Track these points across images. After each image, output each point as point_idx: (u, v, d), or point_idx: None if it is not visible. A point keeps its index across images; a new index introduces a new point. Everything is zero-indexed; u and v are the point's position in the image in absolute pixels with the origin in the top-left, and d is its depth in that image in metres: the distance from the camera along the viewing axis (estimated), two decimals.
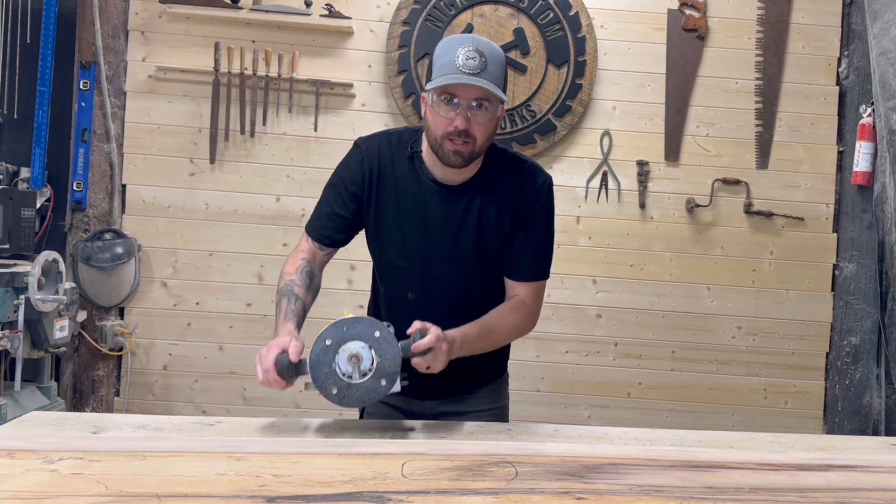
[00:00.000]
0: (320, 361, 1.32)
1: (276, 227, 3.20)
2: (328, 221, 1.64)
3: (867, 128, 3.04)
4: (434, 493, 1.01)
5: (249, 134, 3.19)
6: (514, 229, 1.60)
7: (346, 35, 3.21)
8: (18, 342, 2.58)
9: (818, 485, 1.11)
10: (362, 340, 1.33)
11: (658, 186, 3.26)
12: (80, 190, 3.13)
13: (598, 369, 3.26)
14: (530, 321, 1.65)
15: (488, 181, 1.59)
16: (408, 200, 1.58)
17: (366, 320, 1.35)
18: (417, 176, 1.59)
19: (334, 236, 1.64)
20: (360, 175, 1.60)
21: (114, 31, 3.16)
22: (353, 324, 1.34)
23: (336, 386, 1.33)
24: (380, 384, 1.34)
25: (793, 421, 3.25)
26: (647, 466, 1.16)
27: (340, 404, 1.35)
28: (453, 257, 1.59)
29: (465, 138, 1.46)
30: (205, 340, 3.20)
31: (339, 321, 1.34)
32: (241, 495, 0.98)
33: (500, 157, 1.62)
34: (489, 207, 1.58)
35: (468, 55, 1.43)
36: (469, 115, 1.45)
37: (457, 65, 1.42)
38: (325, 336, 1.33)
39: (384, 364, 1.33)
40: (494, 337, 1.58)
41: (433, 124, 1.49)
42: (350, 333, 1.33)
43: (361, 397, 1.34)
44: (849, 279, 3.20)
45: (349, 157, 1.64)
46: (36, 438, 1.21)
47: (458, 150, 1.47)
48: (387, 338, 1.34)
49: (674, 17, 3.24)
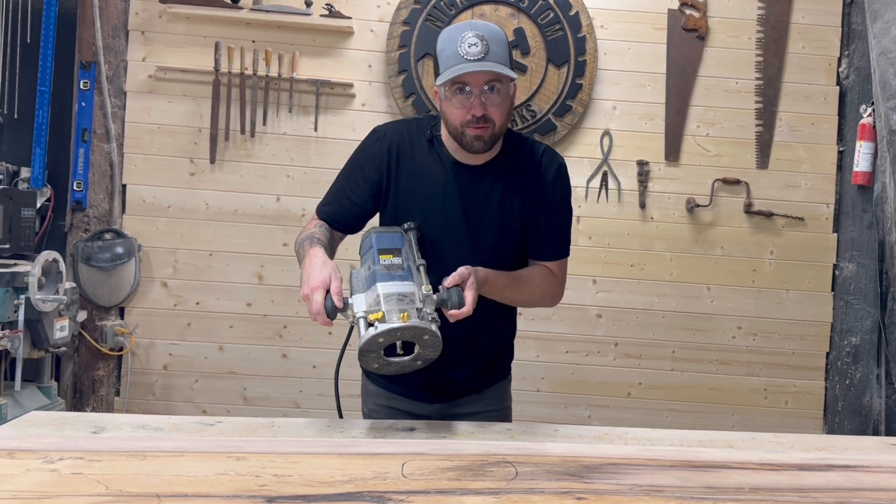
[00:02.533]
0: (370, 350, 1.32)
1: (276, 227, 3.20)
2: (339, 204, 1.64)
3: (867, 128, 3.04)
4: (434, 493, 1.01)
5: (249, 134, 3.19)
6: (534, 211, 1.61)
7: (346, 35, 3.21)
8: (18, 342, 2.58)
9: (818, 485, 1.11)
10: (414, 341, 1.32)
11: (658, 186, 3.26)
12: (81, 190, 3.13)
13: (599, 369, 3.26)
14: (557, 289, 1.66)
15: (507, 163, 1.61)
16: (429, 183, 1.59)
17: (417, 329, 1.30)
18: (438, 157, 1.60)
19: (343, 219, 1.64)
20: (379, 159, 1.61)
21: (114, 31, 3.16)
22: (406, 330, 1.29)
23: (377, 363, 1.35)
24: (415, 364, 1.37)
25: (793, 421, 3.25)
26: (648, 466, 1.16)
27: (376, 373, 1.39)
28: (474, 238, 1.60)
29: (485, 123, 1.48)
30: (205, 340, 3.20)
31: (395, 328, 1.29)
32: (241, 495, 0.98)
33: (517, 140, 1.64)
34: (510, 189, 1.60)
35: (470, 42, 1.45)
36: (484, 100, 1.47)
37: (461, 54, 1.44)
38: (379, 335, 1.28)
39: (425, 353, 1.35)
40: (523, 290, 1.60)
41: (451, 116, 1.51)
42: (402, 336, 1.31)
43: (396, 370, 1.38)
44: (849, 279, 3.20)
45: (367, 143, 1.65)
46: (36, 438, 1.20)
47: (479, 135, 1.50)
48: (433, 339, 1.32)
49: (674, 17, 3.24)
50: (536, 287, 1.62)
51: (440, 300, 1.38)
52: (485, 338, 1.67)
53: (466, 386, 1.69)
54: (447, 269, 1.57)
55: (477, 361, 1.63)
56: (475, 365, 1.66)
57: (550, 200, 1.63)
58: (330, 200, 1.65)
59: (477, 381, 1.71)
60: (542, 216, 1.62)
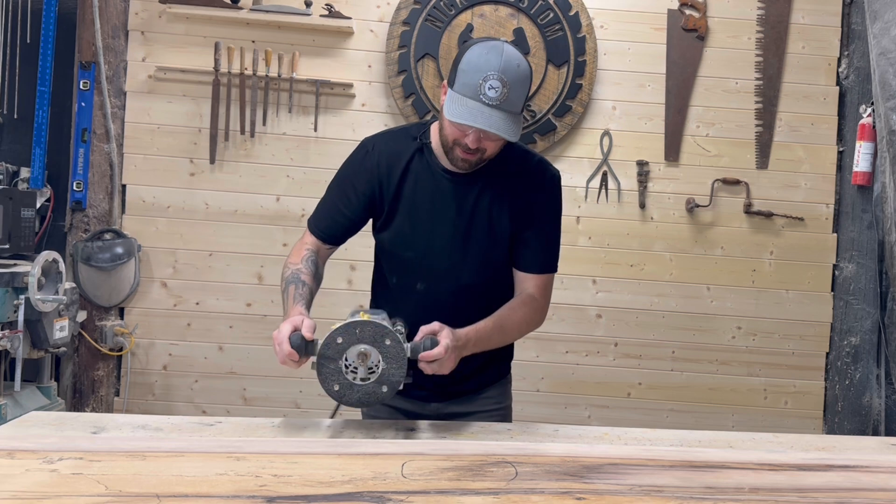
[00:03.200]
0: (328, 356, 1.32)
1: (276, 227, 3.20)
2: (332, 220, 1.65)
3: (867, 128, 3.04)
4: (434, 493, 1.01)
5: (249, 134, 3.19)
6: (523, 221, 1.61)
7: (346, 35, 3.21)
8: (18, 342, 2.58)
9: (818, 485, 1.11)
10: (372, 345, 1.33)
11: (658, 186, 3.26)
12: (80, 190, 3.13)
13: (598, 369, 3.26)
14: (540, 315, 1.66)
15: (498, 172, 1.60)
16: (419, 191, 1.59)
17: (378, 326, 1.33)
18: (428, 166, 1.60)
19: (338, 234, 1.66)
20: (370, 173, 1.60)
21: (114, 31, 3.16)
22: (365, 326, 1.33)
23: (338, 383, 1.33)
24: (380, 389, 1.34)
25: (793, 421, 3.25)
26: (647, 466, 1.16)
27: (339, 401, 1.35)
28: (464, 246, 1.60)
29: (475, 152, 1.49)
30: (205, 340, 3.20)
31: (352, 322, 1.33)
32: (241, 495, 0.98)
33: (511, 150, 1.62)
34: (500, 197, 1.59)
35: (492, 85, 1.42)
36: (482, 136, 1.47)
37: (479, 93, 1.42)
38: (337, 334, 1.33)
39: (389, 372, 1.33)
40: (507, 332, 1.59)
41: (448, 127, 1.50)
42: (361, 336, 1.33)
43: (360, 399, 1.35)
44: (849, 279, 3.19)
45: (356, 156, 1.65)
46: (36, 438, 1.20)
47: (466, 159, 1.51)
48: (396, 348, 1.33)
49: (674, 17, 3.24)
50: (521, 322, 1.61)
51: (413, 347, 1.36)
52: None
53: (465, 385, 1.69)
54: (438, 275, 1.60)
55: (476, 361, 1.62)
56: (473, 365, 1.66)
57: (542, 214, 1.62)
58: (323, 216, 1.66)
59: (476, 380, 1.71)
60: (532, 229, 1.62)
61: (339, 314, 3.36)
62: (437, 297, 1.60)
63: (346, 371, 1.33)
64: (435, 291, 1.61)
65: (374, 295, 1.79)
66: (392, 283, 1.68)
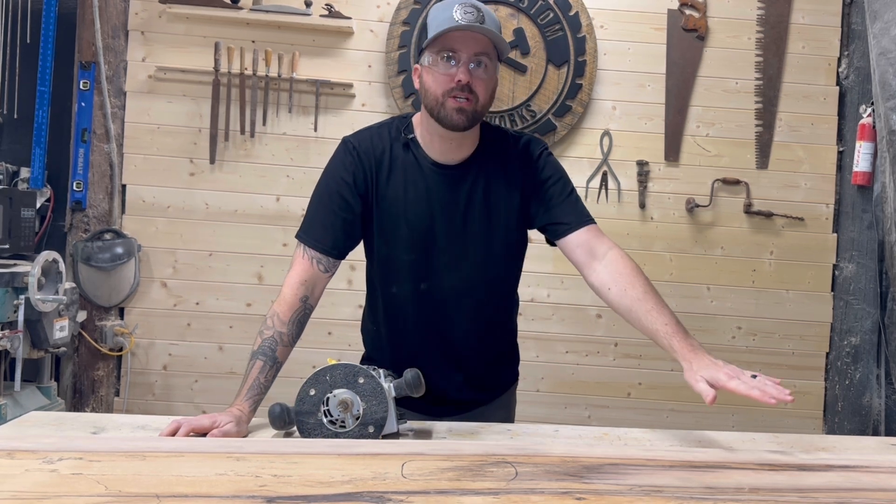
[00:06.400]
0: (305, 411, 1.29)
1: (276, 227, 3.19)
2: (331, 228, 1.51)
3: (867, 128, 3.04)
4: (434, 493, 1.01)
5: (249, 134, 3.19)
6: (537, 196, 1.56)
7: (346, 35, 3.20)
8: (18, 342, 2.58)
9: (818, 485, 1.11)
10: (347, 388, 1.29)
11: (658, 186, 3.26)
12: (80, 190, 3.13)
13: (598, 369, 3.26)
14: (632, 260, 1.58)
15: (488, 158, 1.55)
16: (410, 187, 1.52)
17: (347, 366, 1.29)
18: (416, 160, 1.52)
19: (340, 244, 1.53)
20: (357, 171, 1.51)
21: (114, 31, 3.16)
22: (335, 370, 1.29)
23: (322, 435, 1.29)
24: (367, 431, 1.29)
25: (793, 421, 3.25)
26: (647, 467, 1.16)
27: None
28: (463, 236, 1.54)
29: (468, 93, 1.43)
30: (205, 340, 3.20)
31: (320, 371, 1.29)
32: (241, 495, 0.98)
33: (495, 134, 1.58)
34: (495, 185, 1.54)
35: (465, 10, 1.40)
36: (470, 70, 1.43)
37: (455, 19, 1.40)
38: (309, 386, 1.29)
39: (370, 410, 1.29)
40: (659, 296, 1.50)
41: (433, 84, 1.44)
42: (333, 381, 1.29)
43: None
44: (849, 279, 3.19)
45: (341, 156, 1.54)
46: (36, 438, 1.20)
47: (461, 108, 1.42)
48: (370, 383, 1.29)
49: (674, 17, 3.24)
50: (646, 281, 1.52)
51: (397, 385, 1.32)
52: (481, 348, 1.63)
53: (475, 398, 1.65)
54: (439, 272, 1.54)
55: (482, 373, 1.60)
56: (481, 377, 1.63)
57: (547, 182, 1.57)
58: (319, 227, 1.52)
59: (488, 393, 1.67)
60: (550, 195, 1.56)
61: (339, 314, 3.35)
62: (441, 295, 1.55)
63: (325, 423, 1.29)
64: (438, 288, 1.56)
65: (365, 312, 1.71)
66: (395, 291, 1.59)
